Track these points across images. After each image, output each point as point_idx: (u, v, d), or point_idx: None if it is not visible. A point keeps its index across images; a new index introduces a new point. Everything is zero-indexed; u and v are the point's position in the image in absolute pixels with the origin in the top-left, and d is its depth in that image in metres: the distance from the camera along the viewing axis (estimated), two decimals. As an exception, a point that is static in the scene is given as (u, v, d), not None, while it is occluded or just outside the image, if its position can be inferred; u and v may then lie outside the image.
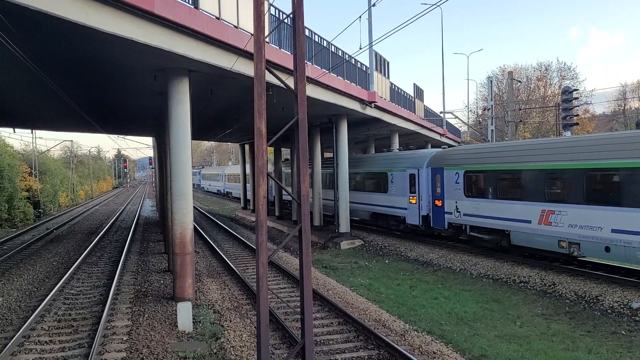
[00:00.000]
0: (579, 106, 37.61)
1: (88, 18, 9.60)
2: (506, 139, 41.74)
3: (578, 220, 15.42)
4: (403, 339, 11.05)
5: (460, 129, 59.31)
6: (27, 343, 10.87)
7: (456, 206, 20.81)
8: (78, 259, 20.20)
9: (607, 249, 14.64)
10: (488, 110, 32.23)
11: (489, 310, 13.58)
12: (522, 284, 16.12)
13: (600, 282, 14.88)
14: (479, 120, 59.09)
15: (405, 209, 24.21)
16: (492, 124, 31.09)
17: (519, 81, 53.42)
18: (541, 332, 11.84)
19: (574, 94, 26.81)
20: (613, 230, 14.38)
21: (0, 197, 33.04)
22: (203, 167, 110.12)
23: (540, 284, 15.72)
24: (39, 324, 12.16)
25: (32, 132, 46.78)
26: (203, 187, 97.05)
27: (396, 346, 10.07)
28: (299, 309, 12.22)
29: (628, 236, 13.97)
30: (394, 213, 25.45)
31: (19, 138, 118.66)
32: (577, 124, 27.95)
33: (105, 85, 16.84)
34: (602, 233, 14.68)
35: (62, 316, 12.81)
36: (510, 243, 18.24)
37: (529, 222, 17.10)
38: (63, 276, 16.97)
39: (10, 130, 36.81)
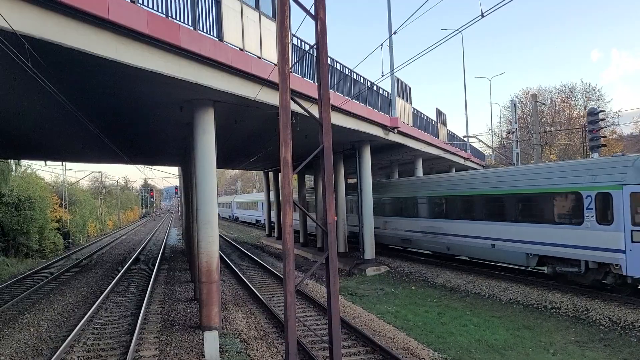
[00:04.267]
0: (605, 127, 37.02)
1: (118, 54, 9.91)
2: (532, 161, 41.26)
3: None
4: (432, 367, 10.85)
5: (484, 152, 58.84)
6: (58, 373, 10.97)
7: None
8: (106, 288, 20.44)
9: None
10: (512, 133, 31.95)
11: (521, 338, 13.25)
12: (554, 309, 15.70)
13: (636, 307, 14.41)
14: (504, 144, 58.55)
15: None
16: (517, 147, 30.77)
17: (543, 103, 53.00)
18: (576, 360, 11.50)
19: (600, 115, 26.46)
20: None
21: (31, 228, 33.76)
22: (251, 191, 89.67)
23: (573, 309, 15.29)
24: (69, 354, 12.28)
25: (62, 164, 48.05)
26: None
27: (426, 375, 9.87)
28: (326, 337, 12.10)
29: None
30: None
31: (49, 170, 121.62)
32: (604, 145, 27.54)
33: (133, 117, 17.24)
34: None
35: (91, 346, 12.92)
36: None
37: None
38: (92, 306, 17.16)
39: (42, 162, 37.82)
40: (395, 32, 12.92)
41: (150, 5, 10.56)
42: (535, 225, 17.70)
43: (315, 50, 7.48)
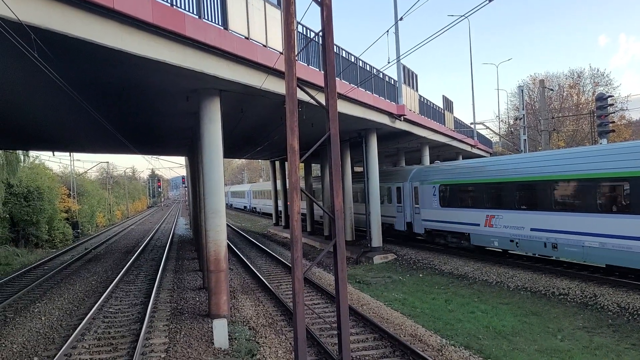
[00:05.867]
0: (614, 113, 36.70)
1: (123, 43, 9.92)
2: (540, 148, 41.04)
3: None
4: (440, 354, 10.89)
5: (491, 139, 58.56)
6: (69, 361, 11.12)
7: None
8: (116, 277, 20.62)
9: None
10: (520, 119, 31.76)
11: (528, 324, 13.27)
12: (562, 296, 15.71)
13: (645, 293, 14.39)
14: (511, 130, 58.20)
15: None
16: (524, 134, 30.61)
17: (551, 89, 52.55)
18: (583, 345, 11.50)
19: (609, 101, 26.24)
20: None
21: (40, 219, 34.05)
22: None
23: (581, 295, 15.29)
24: (80, 342, 12.43)
25: (70, 155, 48.30)
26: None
27: (434, 361, 9.93)
28: (333, 325, 12.17)
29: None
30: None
31: (57, 161, 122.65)
32: (613, 131, 27.35)
33: (139, 107, 17.27)
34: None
35: (102, 334, 13.07)
36: None
37: None
38: (102, 295, 17.34)
39: (50, 153, 38.12)
40: (401, 18, 12.83)
41: (155, -6, 10.53)
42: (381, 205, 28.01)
43: (321, 37, 7.45)
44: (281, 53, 14.32)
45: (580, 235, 16.20)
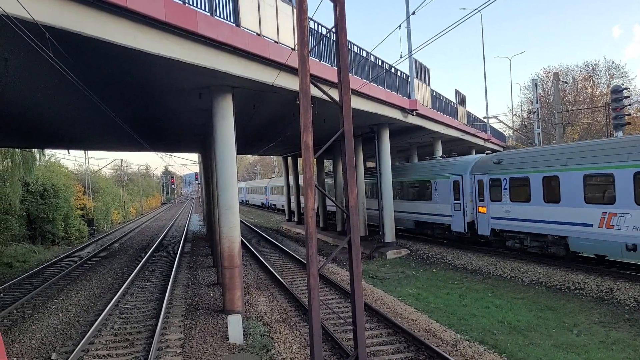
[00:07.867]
0: (630, 105, 36.17)
1: (136, 41, 9.98)
2: (554, 142, 40.65)
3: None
4: (455, 349, 10.87)
5: (505, 133, 58.06)
6: (87, 357, 11.26)
7: None
8: (131, 274, 20.82)
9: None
10: (534, 113, 31.47)
11: (544, 319, 13.18)
12: (577, 290, 15.58)
13: (662, 287, 14.23)
14: (524, 124, 57.68)
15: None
16: (538, 127, 30.33)
17: (565, 82, 51.96)
18: (600, 340, 11.41)
19: (625, 93, 25.89)
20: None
21: (57, 216, 34.45)
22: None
23: (597, 290, 15.15)
24: (97, 338, 12.58)
25: (85, 153, 48.78)
26: None
27: (448, 357, 9.91)
28: (348, 320, 12.20)
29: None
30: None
31: (72, 159, 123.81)
32: (629, 123, 26.98)
33: (153, 105, 17.37)
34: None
35: (118, 330, 13.21)
36: None
37: None
38: (118, 291, 17.52)
39: (65, 151, 38.66)
40: (413, 13, 12.77)
41: (168, -8, 10.57)
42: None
43: (334, 33, 7.42)
44: (293, 49, 14.32)
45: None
